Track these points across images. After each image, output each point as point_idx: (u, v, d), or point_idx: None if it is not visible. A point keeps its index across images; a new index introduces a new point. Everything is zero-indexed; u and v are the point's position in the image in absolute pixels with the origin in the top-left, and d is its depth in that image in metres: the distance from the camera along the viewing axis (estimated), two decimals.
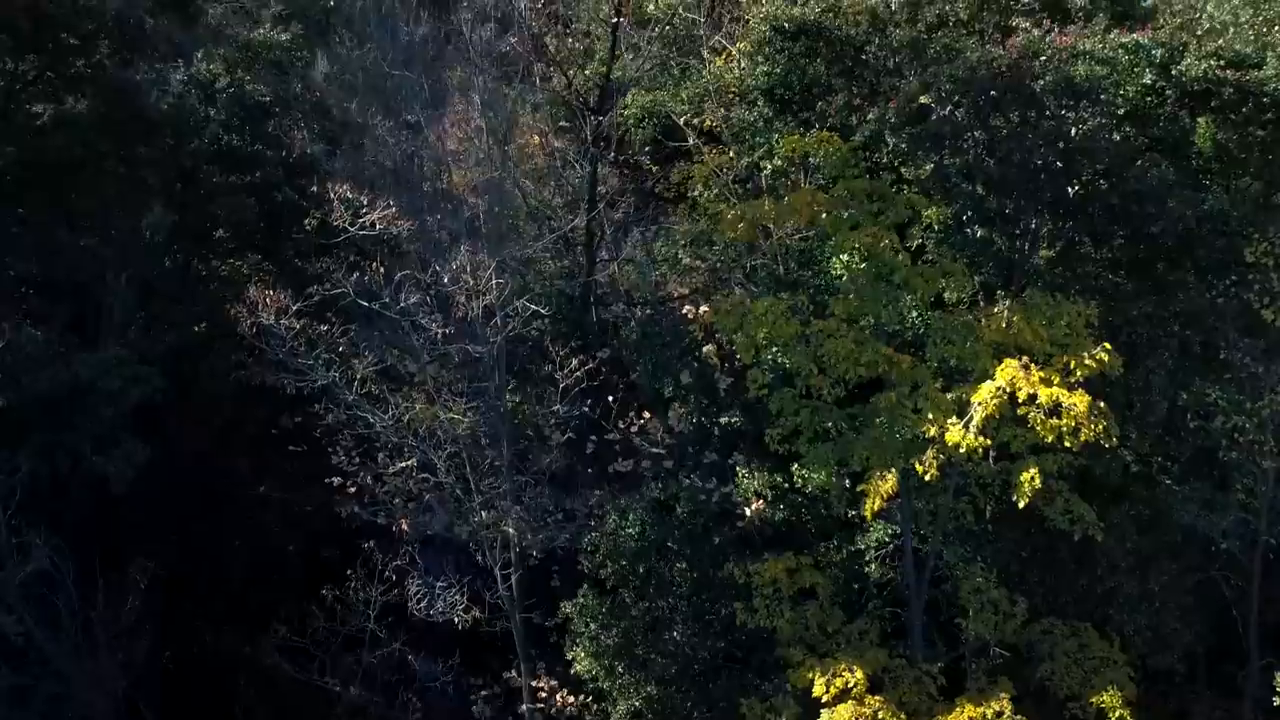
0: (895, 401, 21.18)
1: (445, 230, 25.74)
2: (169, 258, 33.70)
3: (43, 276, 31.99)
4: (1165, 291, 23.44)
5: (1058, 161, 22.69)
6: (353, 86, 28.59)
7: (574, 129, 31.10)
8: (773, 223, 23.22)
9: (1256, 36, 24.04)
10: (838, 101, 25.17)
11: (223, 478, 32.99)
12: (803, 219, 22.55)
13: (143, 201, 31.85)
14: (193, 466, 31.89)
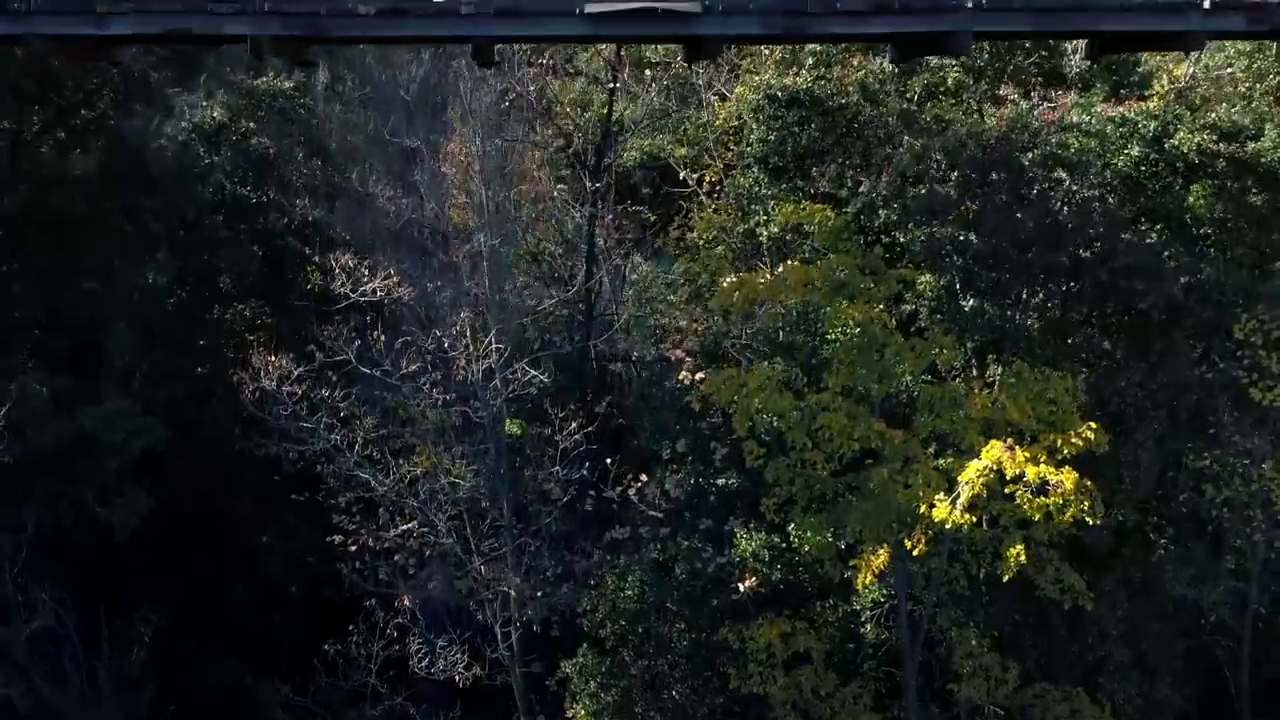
0: (887, 477, 21.54)
1: (446, 294, 26.08)
2: (171, 305, 33.92)
3: (46, 323, 32.25)
4: (1155, 362, 23.71)
5: (1046, 235, 23.00)
6: (354, 150, 28.95)
7: (574, 177, 31.39)
8: (767, 297, 23.55)
9: (1256, 107, 24.14)
10: (830, 172, 25.49)
11: (224, 521, 33.19)
12: (797, 294, 22.91)
13: (145, 251, 32.24)
14: (194, 511, 32.11)
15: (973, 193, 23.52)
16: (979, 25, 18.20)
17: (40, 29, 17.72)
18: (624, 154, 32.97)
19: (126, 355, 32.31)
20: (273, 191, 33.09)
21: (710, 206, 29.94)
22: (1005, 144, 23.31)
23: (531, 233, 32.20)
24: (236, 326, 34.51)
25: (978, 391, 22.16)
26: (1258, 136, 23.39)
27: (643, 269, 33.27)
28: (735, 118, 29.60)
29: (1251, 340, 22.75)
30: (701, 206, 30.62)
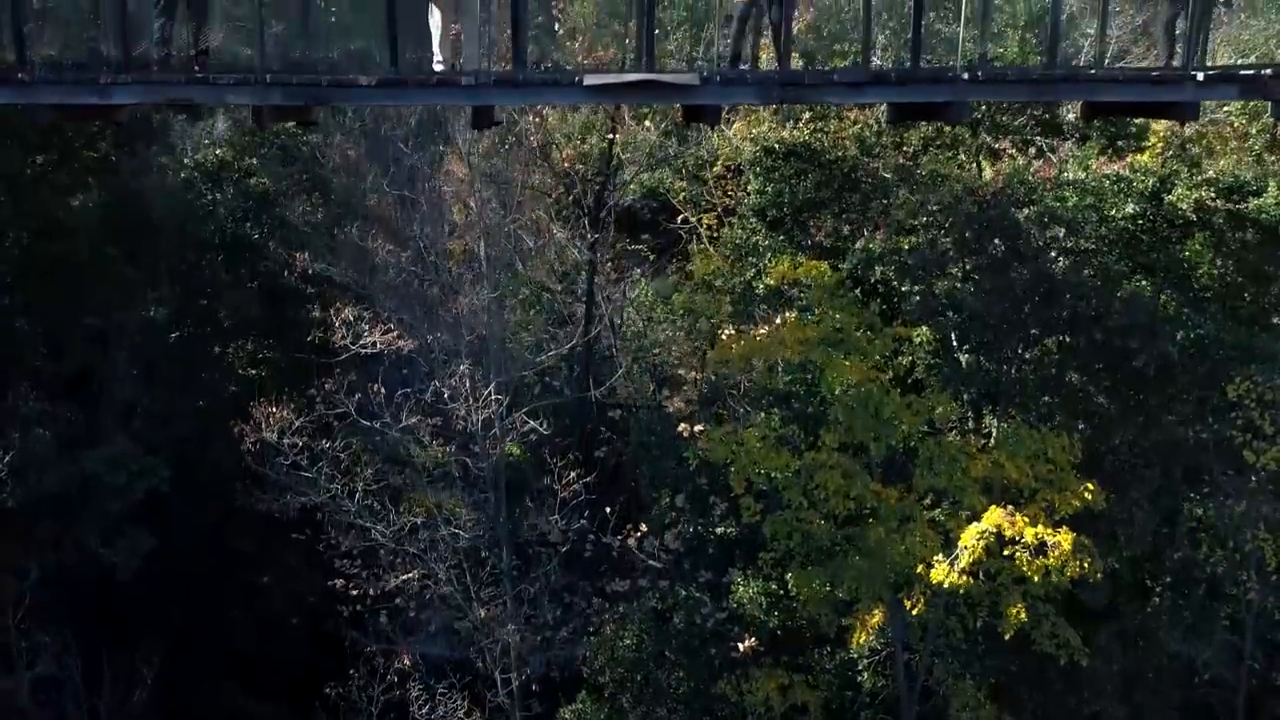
0: (884, 536, 21.71)
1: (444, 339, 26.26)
2: (172, 342, 34.08)
3: (48, 355, 32.41)
4: (1149, 419, 23.84)
5: (1041, 292, 23.15)
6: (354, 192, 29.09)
7: (573, 217, 31.53)
8: (764, 355, 23.72)
9: (1257, 162, 24.20)
10: (827, 226, 25.65)
11: (225, 558, 33.38)
12: (793, 353, 23.07)
13: (146, 293, 32.39)
14: (195, 549, 32.27)
15: (969, 249, 23.68)
16: (974, 96, 18.36)
17: (43, 98, 17.77)
18: (624, 192, 33.06)
19: (127, 394, 32.43)
20: (273, 232, 33.22)
21: (708, 248, 30.10)
22: (1002, 199, 23.47)
23: (530, 270, 32.31)
24: (237, 366, 34.66)
25: (975, 450, 22.34)
26: (1259, 193, 23.49)
27: (642, 285, 33.43)
28: (732, 157, 29.78)
29: (1245, 401, 22.87)
30: (701, 247, 30.78)
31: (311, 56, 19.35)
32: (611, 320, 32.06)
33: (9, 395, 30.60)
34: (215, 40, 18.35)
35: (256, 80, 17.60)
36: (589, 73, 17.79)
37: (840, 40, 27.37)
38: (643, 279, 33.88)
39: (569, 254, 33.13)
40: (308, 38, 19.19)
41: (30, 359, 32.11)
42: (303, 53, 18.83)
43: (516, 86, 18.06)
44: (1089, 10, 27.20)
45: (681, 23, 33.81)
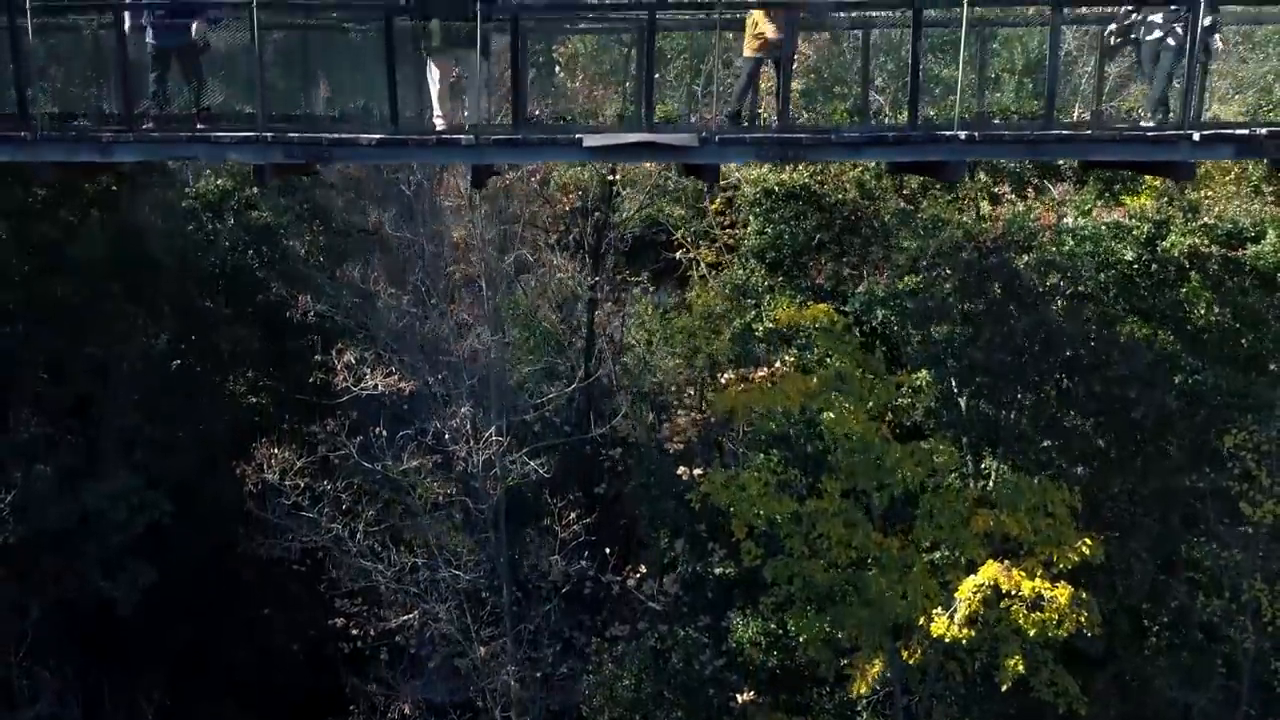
0: (885, 587, 21.81)
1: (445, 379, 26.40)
2: (172, 374, 34.15)
3: (49, 382, 32.49)
4: (1147, 468, 23.91)
5: (1041, 341, 23.23)
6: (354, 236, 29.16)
7: (573, 257, 31.61)
8: (765, 404, 23.79)
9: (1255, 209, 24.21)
10: (827, 269, 25.72)
11: (226, 587, 33.49)
12: (795, 403, 23.15)
13: (147, 327, 32.50)
14: (195, 580, 32.38)
15: (969, 295, 23.76)
16: (971, 155, 18.47)
17: (45, 156, 17.89)
18: (624, 225, 33.10)
19: (128, 425, 32.52)
20: (274, 264, 33.27)
21: (708, 278, 30.08)
22: (1002, 244, 23.55)
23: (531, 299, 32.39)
24: (238, 397, 34.75)
25: (975, 499, 22.44)
26: (1258, 239, 23.53)
27: (642, 302, 33.49)
28: (730, 191, 29.84)
29: (1241, 452, 22.95)
30: (701, 275, 30.76)
31: (312, 113, 19.45)
32: (612, 354, 32.14)
33: (9, 426, 30.77)
34: (216, 99, 18.45)
35: (258, 139, 17.72)
36: (588, 132, 17.87)
37: (840, 82, 27.44)
38: (642, 297, 33.92)
39: (568, 285, 33.16)
40: (308, 96, 19.28)
41: (31, 391, 32.23)
42: (304, 110, 18.90)
43: (516, 146, 18.20)
44: (1086, 48, 27.26)
45: (681, 51, 33.85)
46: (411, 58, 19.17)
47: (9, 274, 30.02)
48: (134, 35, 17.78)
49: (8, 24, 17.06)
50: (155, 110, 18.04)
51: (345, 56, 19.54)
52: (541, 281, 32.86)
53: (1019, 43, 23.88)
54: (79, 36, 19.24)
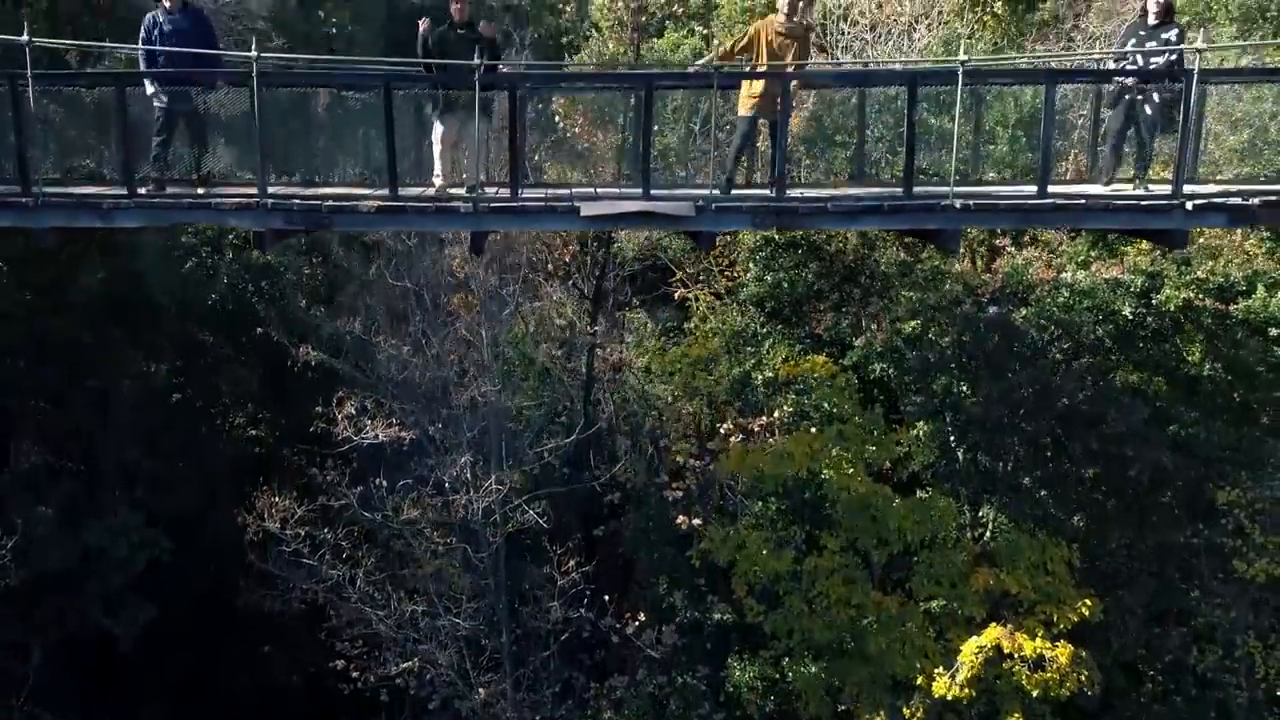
0: (885, 646, 21.92)
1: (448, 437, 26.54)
2: (172, 410, 34.29)
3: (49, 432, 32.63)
4: (1143, 522, 24.03)
5: (1038, 398, 23.36)
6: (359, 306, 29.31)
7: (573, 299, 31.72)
8: (768, 468, 23.86)
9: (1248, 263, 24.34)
10: (827, 320, 25.81)
11: (226, 622, 33.60)
12: (800, 467, 23.24)
13: (147, 366, 32.68)
14: (195, 615, 32.50)
15: (968, 350, 23.88)
16: (966, 224, 18.59)
17: (46, 222, 18.01)
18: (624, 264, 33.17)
19: (128, 462, 32.68)
20: (274, 302, 33.37)
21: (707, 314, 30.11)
22: (1000, 298, 23.68)
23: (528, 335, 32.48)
24: (237, 434, 34.91)
25: (974, 555, 22.54)
26: (1249, 293, 23.66)
27: (641, 325, 33.57)
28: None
29: (1234, 510, 23.08)
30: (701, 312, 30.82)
31: (312, 179, 19.53)
32: (611, 392, 32.19)
33: (10, 462, 30.94)
34: (218, 164, 18.58)
35: (259, 205, 17.81)
36: (586, 200, 17.96)
37: (840, 130, 27.42)
38: (642, 322, 33.98)
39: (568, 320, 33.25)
40: (308, 163, 19.38)
41: (32, 427, 32.39)
42: (303, 178, 18.99)
43: (514, 213, 18.29)
44: (1081, 94, 27.25)
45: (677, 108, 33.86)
46: (411, 119, 19.40)
47: (10, 313, 30.18)
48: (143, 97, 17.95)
49: (9, 91, 17.20)
50: (156, 173, 18.13)
51: (345, 121, 19.63)
52: (541, 316, 32.97)
53: (1013, 97, 23.91)
54: (80, 99, 19.32)
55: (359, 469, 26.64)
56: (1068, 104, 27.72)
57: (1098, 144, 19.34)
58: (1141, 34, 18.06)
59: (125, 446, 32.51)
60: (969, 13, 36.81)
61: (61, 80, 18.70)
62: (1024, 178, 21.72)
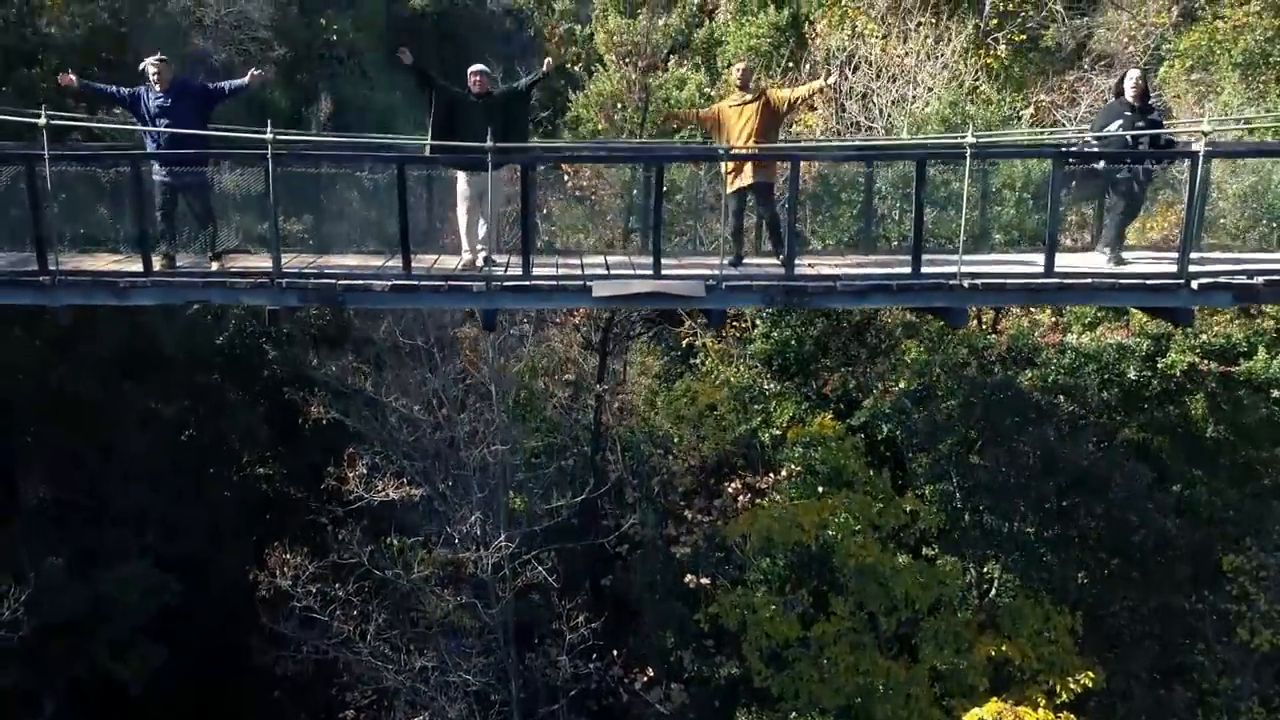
0: (890, 712, 22.07)
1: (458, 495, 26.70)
2: (180, 457, 34.42)
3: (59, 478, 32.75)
4: (1148, 587, 24.14)
5: (1043, 463, 23.49)
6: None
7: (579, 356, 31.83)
8: (778, 535, 23.99)
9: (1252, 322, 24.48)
10: (834, 381, 25.95)
11: (235, 664, 33.68)
12: (808, 537, 23.39)
13: (157, 413, 32.82)
14: (205, 658, 32.59)
15: (974, 413, 24.02)
16: (973, 303, 18.75)
17: (63, 301, 18.17)
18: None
19: (136, 507, 32.79)
20: (279, 347, 33.51)
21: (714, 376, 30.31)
22: (1006, 360, 23.82)
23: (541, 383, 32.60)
24: (246, 475, 35.05)
25: (978, 624, 22.68)
26: (1250, 354, 23.81)
27: (647, 353, 33.66)
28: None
29: (1239, 578, 23.19)
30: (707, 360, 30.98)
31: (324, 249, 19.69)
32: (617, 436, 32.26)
33: (20, 511, 31.09)
34: (231, 243, 18.73)
35: (272, 284, 17.96)
36: (597, 278, 18.09)
37: (847, 187, 27.59)
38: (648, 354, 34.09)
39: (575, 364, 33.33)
40: (320, 239, 19.55)
41: (40, 477, 32.55)
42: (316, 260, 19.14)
43: (526, 292, 18.44)
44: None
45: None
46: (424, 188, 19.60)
47: (21, 365, 30.36)
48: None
49: (25, 175, 17.35)
50: (165, 247, 18.22)
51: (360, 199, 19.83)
52: (549, 355, 33.07)
53: (1021, 162, 24.06)
54: (95, 176, 19.47)
55: (369, 525, 26.78)
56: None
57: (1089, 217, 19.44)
58: (1128, 114, 18.18)
59: (133, 491, 32.62)
60: (972, 55, 37.05)
61: (77, 160, 18.75)
62: (1031, 244, 21.87)
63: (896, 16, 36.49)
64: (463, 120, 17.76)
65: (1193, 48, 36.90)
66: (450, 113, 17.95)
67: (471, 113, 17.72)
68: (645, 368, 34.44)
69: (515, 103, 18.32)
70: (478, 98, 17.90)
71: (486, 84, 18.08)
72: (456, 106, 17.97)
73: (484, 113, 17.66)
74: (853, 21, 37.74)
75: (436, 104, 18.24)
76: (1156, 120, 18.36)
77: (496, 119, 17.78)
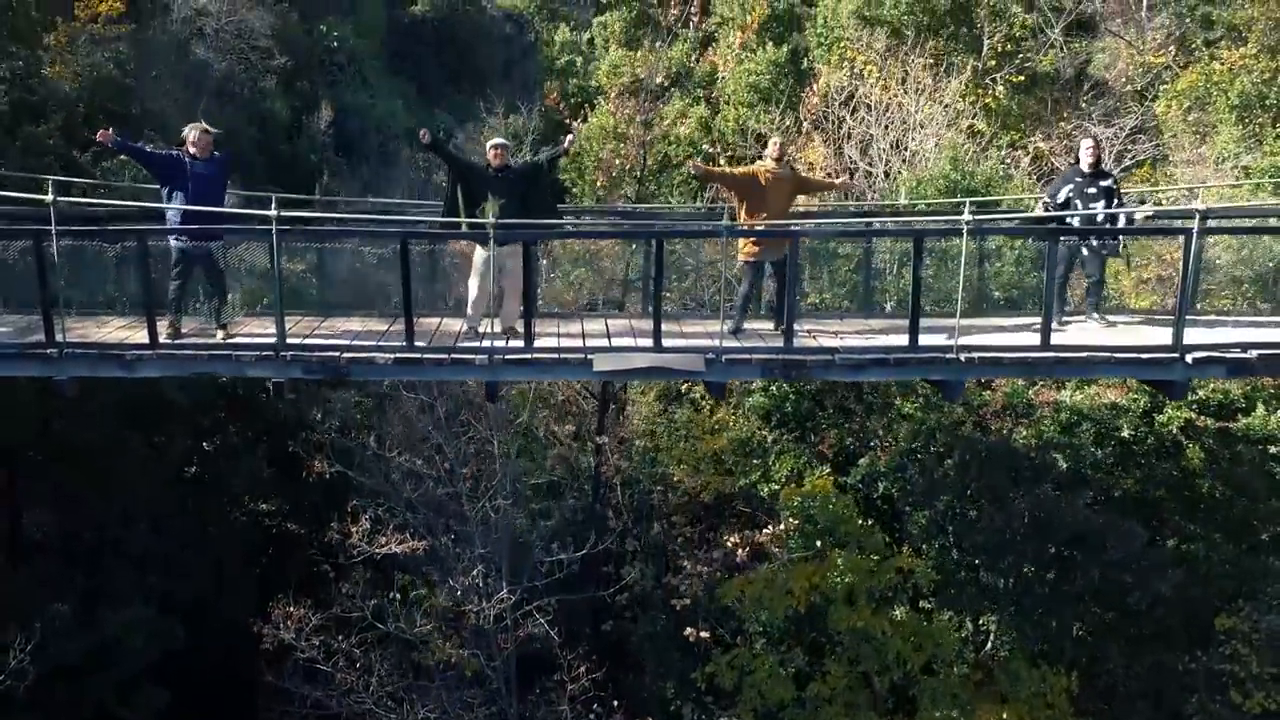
0: None
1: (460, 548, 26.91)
2: (184, 500, 34.59)
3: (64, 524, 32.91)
4: (1141, 646, 24.28)
5: (1039, 524, 23.65)
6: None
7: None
8: (771, 603, 24.16)
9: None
10: (831, 438, 26.14)
11: (239, 701, 33.80)
12: (802, 603, 23.58)
13: (158, 459, 33.01)
14: (208, 693, 32.70)
15: (969, 472, 24.19)
16: (970, 375, 18.95)
17: (70, 372, 18.37)
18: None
19: (141, 550, 32.94)
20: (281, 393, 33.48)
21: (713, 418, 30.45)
22: (1001, 419, 24.02)
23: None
24: (247, 516, 35.21)
25: (975, 684, 22.84)
26: (1248, 410, 23.98)
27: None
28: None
29: (1233, 640, 23.33)
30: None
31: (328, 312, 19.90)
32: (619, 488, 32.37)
33: (25, 558, 31.22)
34: (236, 318, 18.94)
35: (278, 357, 18.17)
36: (598, 352, 18.26)
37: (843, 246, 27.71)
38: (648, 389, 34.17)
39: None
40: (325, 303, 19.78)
41: (45, 522, 32.72)
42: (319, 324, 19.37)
43: (528, 365, 18.61)
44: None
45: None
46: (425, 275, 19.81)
47: (24, 414, 30.53)
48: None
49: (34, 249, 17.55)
50: (173, 316, 18.41)
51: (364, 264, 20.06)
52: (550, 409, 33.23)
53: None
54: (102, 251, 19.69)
55: (371, 576, 26.96)
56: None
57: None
58: (1078, 180, 18.46)
59: (137, 533, 32.79)
60: (970, 95, 37.32)
61: (85, 235, 18.99)
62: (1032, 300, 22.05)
63: (896, 60, 36.77)
64: (481, 194, 17.93)
65: (1190, 88, 37.20)
66: (469, 185, 18.09)
67: (490, 186, 17.87)
68: (646, 403, 34.55)
69: (534, 177, 18.48)
70: (497, 172, 18.00)
71: (505, 157, 18.18)
72: (474, 179, 18.12)
73: (502, 187, 17.84)
74: (851, 62, 38.02)
75: (454, 177, 18.45)
76: (1110, 187, 18.60)
77: (515, 193, 17.95)
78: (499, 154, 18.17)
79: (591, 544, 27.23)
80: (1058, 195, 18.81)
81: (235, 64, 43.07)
